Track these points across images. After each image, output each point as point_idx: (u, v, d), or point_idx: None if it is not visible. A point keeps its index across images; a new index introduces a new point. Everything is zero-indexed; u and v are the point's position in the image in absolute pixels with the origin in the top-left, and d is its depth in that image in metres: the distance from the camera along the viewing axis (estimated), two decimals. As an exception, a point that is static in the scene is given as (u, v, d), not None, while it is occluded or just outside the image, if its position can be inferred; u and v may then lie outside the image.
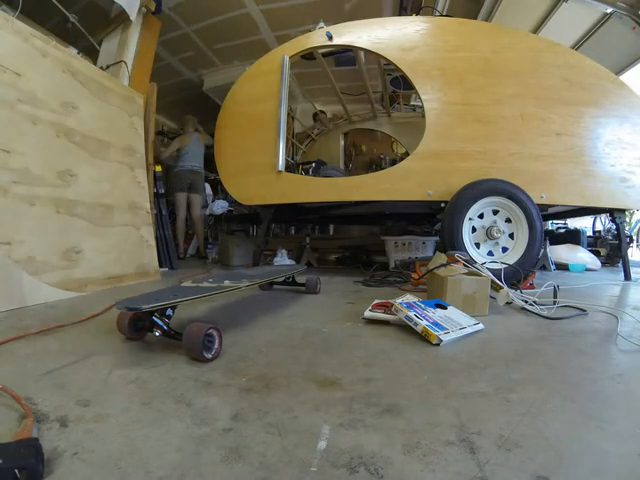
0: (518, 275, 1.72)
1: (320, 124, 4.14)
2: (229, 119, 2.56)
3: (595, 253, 3.58)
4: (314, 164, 3.26)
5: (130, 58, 2.56)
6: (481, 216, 2.00)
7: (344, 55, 2.93)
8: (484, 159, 2.14)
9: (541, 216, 1.96)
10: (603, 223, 4.53)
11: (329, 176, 2.65)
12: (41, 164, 1.57)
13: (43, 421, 0.55)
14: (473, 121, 2.17)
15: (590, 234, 4.50)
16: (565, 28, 3.28)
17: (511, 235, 1.99)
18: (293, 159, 3.86)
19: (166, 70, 4.36)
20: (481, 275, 1.35)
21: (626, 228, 4.08)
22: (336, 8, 3.43)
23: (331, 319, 1.23)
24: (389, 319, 1.14)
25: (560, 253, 3.30)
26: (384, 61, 2.51)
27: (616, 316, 1.26)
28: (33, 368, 0.75)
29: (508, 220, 2.00)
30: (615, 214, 2.37)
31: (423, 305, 1.14)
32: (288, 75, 2.35)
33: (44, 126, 1.60)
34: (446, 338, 0.95)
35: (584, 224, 4.87)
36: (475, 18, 3.31)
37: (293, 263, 2.87)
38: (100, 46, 2.66)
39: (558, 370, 0.81)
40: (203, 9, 3.48)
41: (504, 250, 1.99)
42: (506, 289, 1.36)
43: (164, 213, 2.76)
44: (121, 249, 1.98)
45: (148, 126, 2.50)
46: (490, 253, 2.00)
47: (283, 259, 2.87)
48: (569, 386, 0.72)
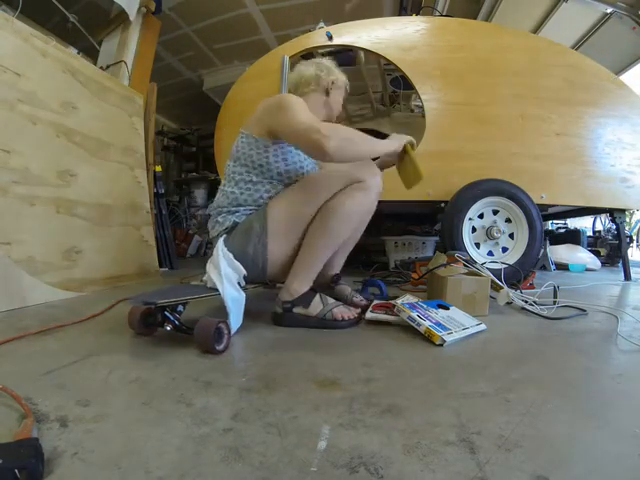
0: (518, 275, 1.72)
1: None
2: (229, 119, 2.56)
3: (595, 253, 3.58)
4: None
5: (130, 58, 2.55)
6: (481, 216, 2.00)
7: (344, 55, 2.93)
8: (484, 159, 2.14)
9: (541, 216, 1.96)
10: (603, 223, 4.53)
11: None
12: (41, 164, 1.57)
13: (43, 421, 0.55)
14: (473, 121, 2.17)
15: (590, 234, 4.50)
16: (565, 28, 3.28)
17: (511, 235, 1.99)
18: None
19: (166, 70, 4.36)
20: (481, 275, 1.35)
21: (626, 228, 4.08)
22: (336, 8, 3.44)
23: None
24: (390, 320, 1.14)
25: (560, 253, 3.30)
26: (384, 61, 2.51)
27: (616, 316, 1.26)
28: (33, 368, 0.75)
29: (508, 220, 2.00)
30: (615, 214, 2.37)
31: (425, 305, 1.14)
32: (288, 75, 2.35)
33: (44, 126, 1.61)
34: (449, 338, 0.95)
35: (584, 224, 4.87)
36: (475, 18, 3.31)
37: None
38: (100, 46, 2.66)
39: (558, 370, 0.81)
40: (203, 9, 3.47)
41: (504, 250, 1.99)
42: (506, 289, 1.36)
43: (164, 213, 2.75)
44: (121, 249, 1.98)
45: (148, 126, 2.50)
46: (490, 253, 2.00)
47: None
48: (569, 386, 0.72)
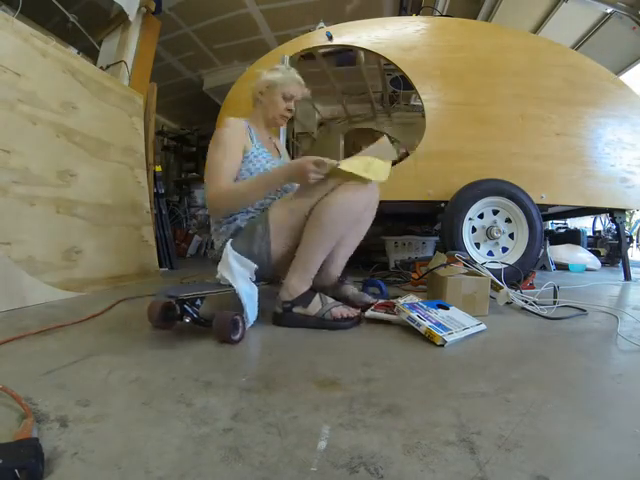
0: (518, 275, 1.72)
1: None
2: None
3: (595, 253, 3.58)
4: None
5: (130, 58, 2.55)
6: (481, 216, 2.00)
7: (344, 55, 2.93)
8: (484, 159, 2.14)
9: (541, 216, 1.96)
10: (603, 223, 4.53)
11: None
12: (41, 164, 1.57)
13: (43, 421, 0.55)
14: (473, 121, 2.17)
15: (590, 234, 4.50)
16: (565, 28, 3.28)
17: (511, 235, 1.99)
18: (293, 159, 3.85)
19: (166, 70, 4.36)
20: (481, 275, 1.35)
21: (626, 228, 4.08)
22: (336, 8, 3.43)
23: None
24: (390, 319, 1.14)
25: (560, 253, 3.30)
26: (384, 61, 2.51)
27: (616, 316, 1.26)
28: (33, 368, 0.75)
29: (508, 220, 2.00)
30: (615, 214, 2.37)
31: (425, 306, 1.14)
32: (288, 75, 2.35)
33: (44, 126, 1.61)
34: (450, 339, 0.95)
35: (584, 224, 4.87)
36: (475, 18, 3.31)
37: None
38: (100, 46, 2.66)
39: (558, 370, 0.81)
40: (203, 9, 3.47)
41: (504, 250, 1.99)
42: (506, 289, 1.36)
43: (164, 213, 2.76)
44: (121, 249, 1.99)
45: (148, 126, 2.50)
46: (490, 253, 2.00)
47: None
48: (569, 386, 0.72)
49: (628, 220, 5.40)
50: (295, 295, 1.12)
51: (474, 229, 2.00)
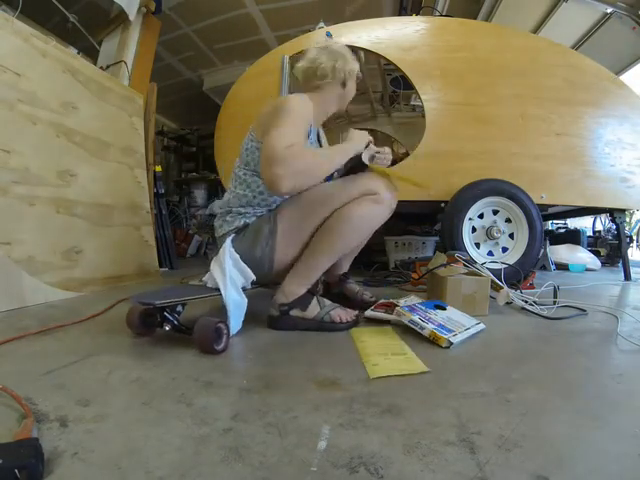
0: (518, 275, 1.72)
1: None
2: (229, 119, 2.56)
3: (595, 253, 3.57)
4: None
5: (130, 58, 2.55)
6: (481, 216, 2.00)
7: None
8: (484, 159, 2.14)
9: (541, 216, 1.95)
10: (603, 223, 4.53)
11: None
12: (41, 164, 1.57)
13: (43, 421, 0.55)
14: (473, 121, 2.17)
15: (590, 234, 4.50)
16: (565, 28, 3.28)
17: (511, 235, 1.99)
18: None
19: (166, 70, 4.36)
20: (481, 275, 1.35)
21: (626, 228, 4.08)
22: (336, 8, 3.43)
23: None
24: (390, 318, 1.14)
25: (560, 253, 3.29)
26: (384, 61, 2.50)
27: (616, 316, 1.26)
28: (33, 368, 0.75)
29: (508, 220, 2.00)
30: (615, 214, 2.37)
31: (424, 307, 1.13)
32: (288, 75, 2.35)
33: (44, 126, 1.61)
34: (455, 340, 0.94)
35: (584, 224, 4.87)
36: (475, 18, 3.31)
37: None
38: (100, 46, 2.66)
39: (558, 370, 0.81)
40: (203, 9, 3.47)
41: (504, 250, 1.99)
42: (506, 289, 1.36)
43: (164, 213, 2.75)
44: (121, 249, 1.98)
45: (148, 126, 2.50)
46: (490, 253, 2.00)
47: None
48: (569, 386, 0.72)
49: (628, 220, 5.40)
50: (291, 298, 1.07)
51: (474, 229, 2.00)
